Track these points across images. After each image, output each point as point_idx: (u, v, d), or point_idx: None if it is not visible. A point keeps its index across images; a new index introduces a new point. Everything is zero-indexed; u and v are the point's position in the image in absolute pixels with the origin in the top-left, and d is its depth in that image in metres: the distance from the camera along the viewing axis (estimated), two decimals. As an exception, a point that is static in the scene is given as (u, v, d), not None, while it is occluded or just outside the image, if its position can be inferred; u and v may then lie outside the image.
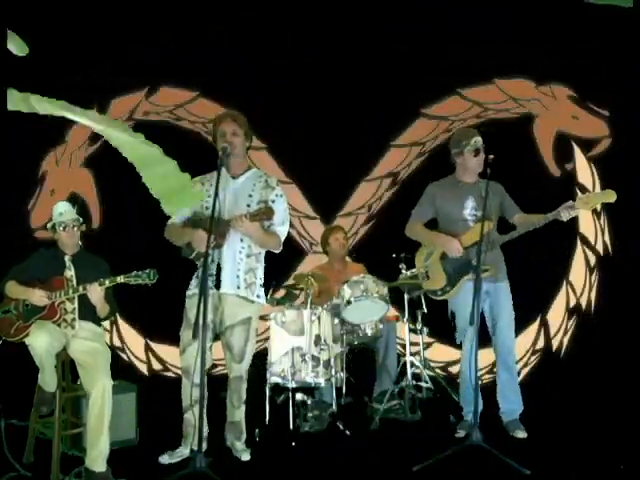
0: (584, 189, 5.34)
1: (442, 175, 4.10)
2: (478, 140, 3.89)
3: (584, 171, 5.37)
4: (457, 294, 3.89)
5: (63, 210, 3.54)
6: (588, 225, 5.23)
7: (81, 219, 3.59)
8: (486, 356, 4.42)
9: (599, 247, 5.30)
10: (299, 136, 5.52)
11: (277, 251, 3.63)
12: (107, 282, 3.31)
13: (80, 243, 3.61)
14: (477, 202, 3.84)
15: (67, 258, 3.51)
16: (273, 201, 3.52)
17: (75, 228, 3.52)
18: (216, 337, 3.59)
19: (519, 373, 4.44)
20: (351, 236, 5.52)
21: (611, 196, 3.59)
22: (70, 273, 3.47)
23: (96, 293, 3.32)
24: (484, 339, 3.95)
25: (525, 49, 5.31)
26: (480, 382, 4.07)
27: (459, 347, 5.03)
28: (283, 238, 3.60)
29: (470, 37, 5.27)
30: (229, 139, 3.48)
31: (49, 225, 3.57)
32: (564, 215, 3.61)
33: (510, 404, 3.92)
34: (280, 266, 5.40)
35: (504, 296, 3.90)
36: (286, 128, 5.56)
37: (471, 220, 3.86)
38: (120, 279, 3.31)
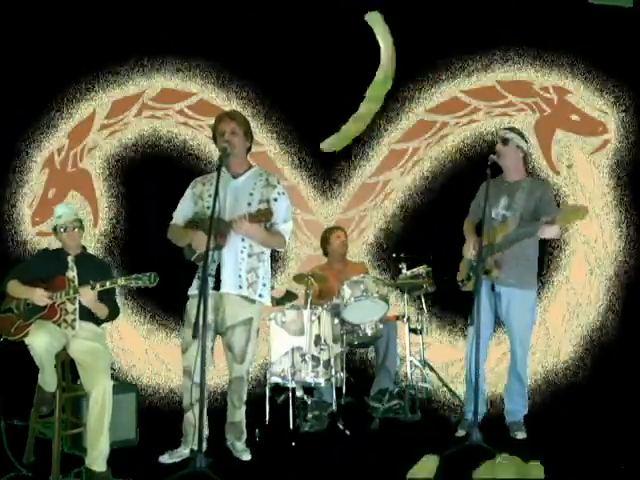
0: (584, 189, 5.34)
1: (441, 175, 4.11)
2: (499, 132, 3.96)
3: (584, 171, 5.36)
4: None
5: (62, 212, 3.53)
6: (588, 225, 5.23)
7: (82, 220, 3.59)
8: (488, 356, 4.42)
9: (599, 247, 5.30)
10: (300, 136, 5.52)
11: (282, 249, 3.62)
12: (108, 283, 3.31)
13: (83, 245, 3.61)
14: (508, 202, 3.81)
15: (70, 258, 3.51)
16: (275, 199, 3.51)
17: (76, 230, 3.52)
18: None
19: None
20: (351, 236, 5.51)
21: (584, 213, 3.57)
22: (72, 274, 3.47)
23: (87, 296, 3.31)
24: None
25: (526, 49, 5.31)
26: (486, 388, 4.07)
27: (459, 347, 5.05)
28: (287, 236, 3.58)
29: (471, 37, 5.27)
30: (228, 138, 3.47)
31: (51, 228, 3.57)
32: (541, 234, 3.65)
33: (515, 405, 3.92)
34: (280, 266, 5.43)
35: (519, 303, 3.82)
36: (286, 128, 5.55)
37: (497, 220, 3.84)
38: (121, 281, 3.30)
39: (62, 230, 3.49)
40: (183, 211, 3.62)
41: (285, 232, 3.55)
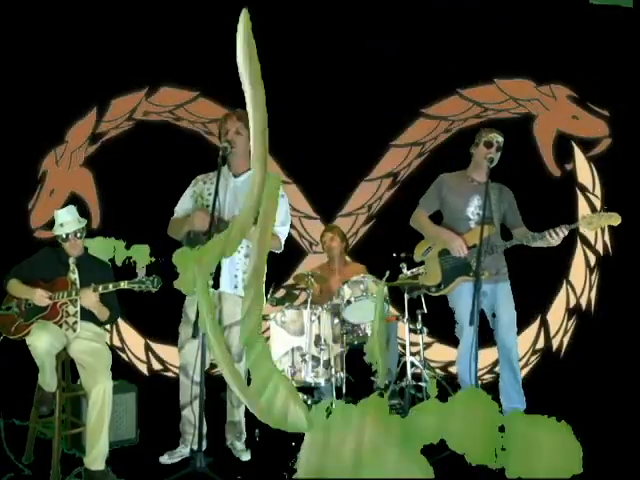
0: (584, 189, 5.35)
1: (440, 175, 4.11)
2: (495, 136, 3.86)
3: (584, 171, 5.37)
4: (453, 292, 3.87)
5: (63, 221, 3.44)
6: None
7: (84, 225, 3.51)
8: (486, 356, 4.42)
9: (599, 247, 5.31)
10: (299, 136, 5.52)
11: (278, 252, 3.62)
12: (110, 286, 3.30)
13: (85, 246, 3.59)
14: (486, 202, 3.75)
15: (71, 261, 3.48)
16: (274, 201, 3.51)
17: (77, 238, 3.46)
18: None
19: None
20: (351, 236, 5.52)
21: (616, 220, 3.55)
22: (74, 276, 3.45)
23: (89, 299, 3.30)
24: (484, 339, 3.94)
25: (526, 49, 5.32)
26: (480, 382, 4.06)
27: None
28: (284, 239, 3.58)
29: (471, 37, 5.28)
30: (231, 137, 3.47)
31: (53, 234, 3.52)
32: (550, 239, 3.58)
33: (513, 403, 3.92)
34: (280, 266, 5.42)
35: (503, 296, 3.86)
36: (287, 128, 5.55)
37: (473, 219, 3.84)
38: (124, 285, 3.29)
39: (63, 238, 3.45)
40: (183, 207, 3.62)
41: (282, 235, 3.55)
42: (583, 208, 5.30)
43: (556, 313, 5.34)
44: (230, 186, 3.52)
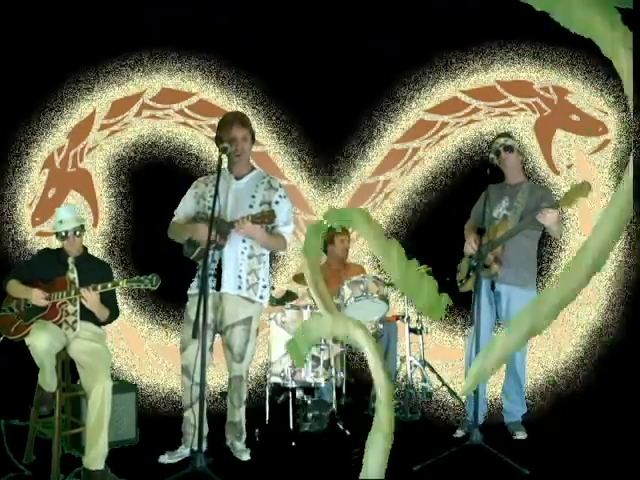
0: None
1: (441, 175, 4.11)
2: (497, 141, 3.93)
3: (584, 171, 5.36)
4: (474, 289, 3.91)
5: (63, 218, 3.47)
6: (588, 225, 5.23)
7: (83, 224, 3.54)
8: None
9: (599, 247, 5.29)
10: (299, 136, 5.53)
11: (283, 252, 3.64)
12: (109, 285, 3.31)
13: (84, 245, 3.60)
14: (510, 203, 3.87)
15: (70, 260, 3.49)
16: (277, 202, 3.52)
17: (77, 235, 3.48)
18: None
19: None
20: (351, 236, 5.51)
21: (587, 187, 3.47)
22: (73, 275, 3.45)
23: (90, 298, 3.31)
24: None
25: (525, 48, 5.32)
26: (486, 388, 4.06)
27: (459, 347, 5.05)
28: (289, 238, 3.60)
29: (471, 37, 5.27)
30: (240, 144, 3.50)
31: (53, 231, 3.54)
32: (541, 219, 3.61)
33: (513, 404, 3.93)
34: (280, 266, 5.43)
35: (519, 302, 3.76)
36: (286, 128, 5.56)
37: (497, 219, 3.88)
38: (123, 283, 3.30)
39: (63, 236, 3.46)
40: (185, 209, 3.63)
41: (286, 234, 3.58)
42: (583, 207, 5.30)
43: (556, 313, 5.33)
44: (232, 188, 3.54)
